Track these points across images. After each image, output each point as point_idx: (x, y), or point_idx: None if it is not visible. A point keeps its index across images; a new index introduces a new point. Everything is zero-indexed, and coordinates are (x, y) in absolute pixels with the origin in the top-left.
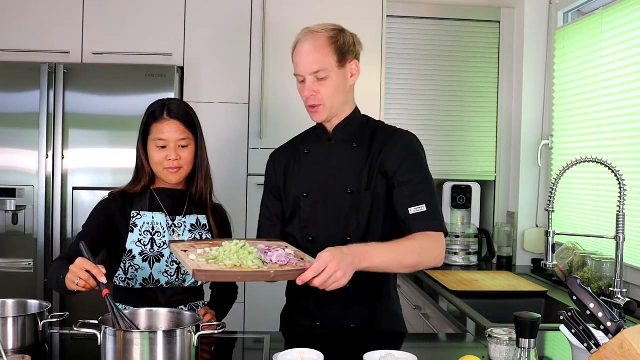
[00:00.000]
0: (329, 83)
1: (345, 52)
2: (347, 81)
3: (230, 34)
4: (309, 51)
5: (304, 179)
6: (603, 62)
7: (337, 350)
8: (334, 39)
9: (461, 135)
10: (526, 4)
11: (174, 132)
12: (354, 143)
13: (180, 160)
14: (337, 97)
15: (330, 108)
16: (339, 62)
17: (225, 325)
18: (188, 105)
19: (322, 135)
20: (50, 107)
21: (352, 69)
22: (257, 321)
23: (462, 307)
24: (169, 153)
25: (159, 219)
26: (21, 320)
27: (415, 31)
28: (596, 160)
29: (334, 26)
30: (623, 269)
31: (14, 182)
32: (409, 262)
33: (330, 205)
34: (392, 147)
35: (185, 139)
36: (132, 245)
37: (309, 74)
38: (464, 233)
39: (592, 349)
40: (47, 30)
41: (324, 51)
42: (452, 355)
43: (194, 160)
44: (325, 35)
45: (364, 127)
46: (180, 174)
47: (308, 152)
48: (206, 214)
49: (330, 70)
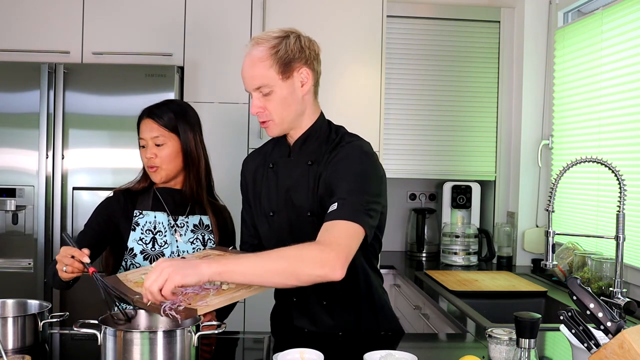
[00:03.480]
0: (274, 98)
1: (290, 61)
2: (296, 92)
3: (230, 34)
4: (249, 66)
5: (271, 196)
6: (603, 62)
7: (337, 350)
8: (275, 49)
9: (461, 135)
10: (526, 4)
11: (149, 130)
12: (309, 160)
13: (155, 159)
14: (286, 111)
15: (280, 123)
16: (282, 74)
17: (226, 325)
18: (181, 107)
19: (284, 149)
20: (50, 107)
21: (302, 78)
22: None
23: (462, 307)
24: (147, 151)
25: (161, 218)
26: (21, 320)
27: (415, 31)
28: (596, 160)
29: (278, 32)
30: (623, 269)
31: (14, 182)
32: (278, 267)
33: (295, 227)
34: (333, 165)
35: (158, 137)
36: (133, 244)
37: (253, 90)
38: (464, 233)
39: (592, 349)
40: (47, 30)
41: (263, 65)
42: (452, 355)
43: (176, 159)
44: (266, 46)
45: (325, 141)
46: (159, 173)
47: (272, 167)
48: (208, 215)
49: (273, 85)
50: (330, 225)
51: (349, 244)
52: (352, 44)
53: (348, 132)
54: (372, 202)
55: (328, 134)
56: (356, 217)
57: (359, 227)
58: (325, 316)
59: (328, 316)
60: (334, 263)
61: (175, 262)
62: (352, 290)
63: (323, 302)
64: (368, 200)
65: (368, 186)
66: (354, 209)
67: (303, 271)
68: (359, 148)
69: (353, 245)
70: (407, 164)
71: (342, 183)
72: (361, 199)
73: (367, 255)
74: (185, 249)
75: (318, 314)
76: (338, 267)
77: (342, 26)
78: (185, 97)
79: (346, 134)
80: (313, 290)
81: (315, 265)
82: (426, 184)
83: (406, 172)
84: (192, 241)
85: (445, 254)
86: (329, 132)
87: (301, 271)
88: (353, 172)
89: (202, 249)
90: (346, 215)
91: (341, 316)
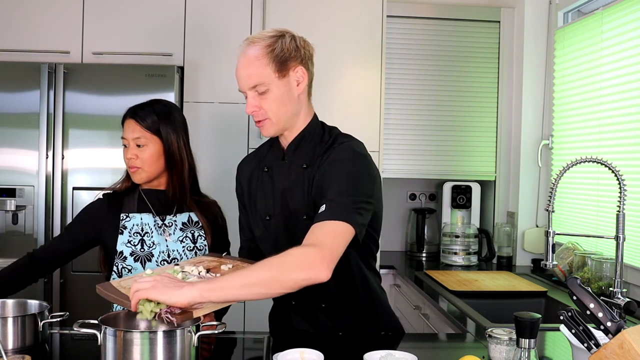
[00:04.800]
0: (270, 96)
1: (286, 60)
2: (292, 91)
3: (230, 34)
4: (244, 65)
5: (267, 200)
6: (603, 62)
7: (337, 350)
8: (270, 47)
9: (461, 135)
10: (526, 4)
11: (130, 131)
12: (304, 164)
13: (136, 160)
14: (283, 109)
15: (277, 122)
16: (279, 72)
17: (225, 325)
18: (165, 107)
19: (279, 152)
20: (50, 107)
21: (298, 77)
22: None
23: (462, 307)
24: (128, 152)
25: (147, 219)
26: (21, 320)
27: (415, 31)
28: (596, 160)
29: (273, 32)
30: (623, 269)
31: (14, 182)
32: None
33: (291, 230)
34: (324, 167)
35: (140, 138)
36: (122, 247)
37: (248, 89)
38: (464, 233)
39: (592, 349)
40: (47, 30)
41: (260, 63)
42: (452, 355)
43: (157, 161)
44: (261, 44)
45: (319, 143)
46: (140, 174)
47: (267, 171)
48: (196, 212)
49: (269, 83)
50: (317, 226)
51: (335, 243)
52: (352, 44)
53: (341, 133)
54: (362, 202)
55: (322, 136)
56: (343, 215)
57: (346, 225)
58: (325, 318)
59: (327, 318)
60: (318, 264)
61: (165, 280)
62: (350, 292)
63: (322, 304)
64: (358, 200)
65: (358, 187)
66: (341, 208)
67: (287, 277)
68: (350, 149)
69: (339, 244)
70: (407, 164)
71: (332, 185)
72: (350, 200)
73: (364, 255)
74: (175, 247)
75: (317, 316)
76: (323, 267)
77: (342, 26)
78: (185, 97)
79: (339, 134)
80: (311, 293)
81: (299, 270)
82: (426, 184)
83: (406, 172)
84: (182, 239)
85: (445, 254)
86: (322, 133)
87: (284, 278)
88: (343, 174)
89: (192, 246)
90: (333, 215)
91: (340, 318)
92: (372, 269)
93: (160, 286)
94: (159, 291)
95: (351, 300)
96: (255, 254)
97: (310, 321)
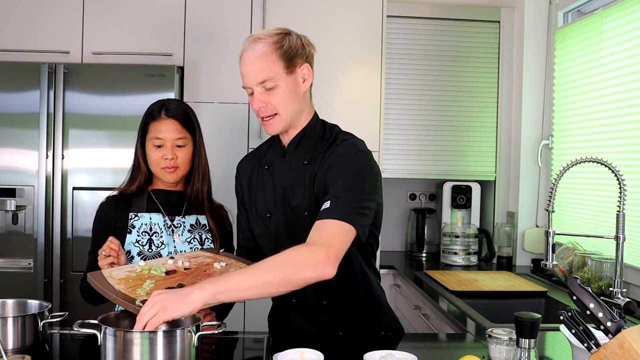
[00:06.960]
0: (278, 92)
1: (293, 57)
2: (299, 87)
3: (230, 34)
4: (253, 60)
5: (267, 198)
6: (603, 62)
7: (337, 350)
8: (279, 44)
9: (461, 135)
10: (526, 4)
11: (171, 131)
12: (305, 160)
13: (176, 160)
14: (290, 105)
15: (285, 118)
16: (287, 69)
17: (226, 325)
18: (187, 106)
19: (279, 150)
20: (50, 107)
21: (304, 74)
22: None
23: (462, 307)
24: (166, 152)
25: (157, 219)
26: (21, 320)
27: (415, 31)
28: (596, 160)
29: (278, 30)
30: (623, 269)
31: (14, 182)
32: (271, 277)
33: (292, 227)
34: (327, 163)
35: (182, 139)
36: (130, 246)
37: (256, 85)
38: (464, 233)
39: (592, 349)
40: (47, 30)
41: (269, 58)
42: (452, 355)
43: (191, 160)
44: (269, 41)
45: (320, 140)
46: (177, 173)
47: (268, 168)
48: (205, 215)
49: (278, 79)
50: (321, 224)
51: (339, 243)
52: (352, 44)
53: (342, 131)
54: (366, 200)
55: (322, 133)
56: (347, 217)
57: (350, 227)
58: (325, 316)
59: (327, 316)
60: (325, 263)
61: (167, 296)
62: (351, 290)
63: (322, 302)
64: (361, 198)
65: (362, 183)
66: (345, 208)
67: (296, 276)
68: (353, 146)
69: (343, 244)
70: (407, 164)
71: (336, 181)
72: (354, 197)
73: (364, 253)
74: (182, 249)
75: (317, 314)
76: (329, 266)
77: (342, 26)
78: (185, 97)
79: (340, 132)
80: (312, 291)
81: (307, 269)
82: (426, 184)
83: (406, 172)
84: (190, 241)
85: (445, 254)
86: (323, 131)
87: (294, 276)
88: (347, 170)
89: (200, 248)
90: (337, 214)
91: (340, 316)
92: (372, 267)
93: (168, 304)
94: (171, 311)
95: (352, 297)
96: (254, 253)
97: (310, 319)
